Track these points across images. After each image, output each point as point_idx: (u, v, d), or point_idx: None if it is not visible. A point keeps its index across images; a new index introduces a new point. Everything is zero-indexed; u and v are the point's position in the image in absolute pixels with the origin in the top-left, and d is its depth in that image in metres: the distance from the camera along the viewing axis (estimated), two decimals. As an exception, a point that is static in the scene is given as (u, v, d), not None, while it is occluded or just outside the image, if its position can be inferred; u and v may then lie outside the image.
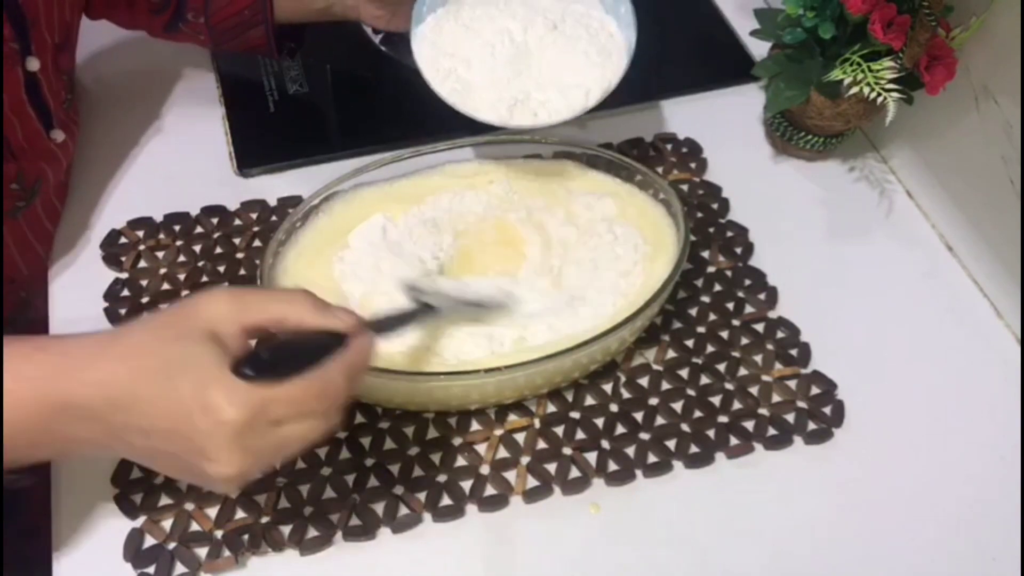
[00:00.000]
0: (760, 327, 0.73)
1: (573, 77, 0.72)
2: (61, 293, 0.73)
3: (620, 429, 0.67)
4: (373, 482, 0.64)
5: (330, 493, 0.63)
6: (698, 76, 0.92)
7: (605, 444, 0.66)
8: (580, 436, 0.67)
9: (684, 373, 0.70)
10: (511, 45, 0.73)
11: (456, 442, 0.66)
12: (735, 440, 0.67)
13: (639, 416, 0.68)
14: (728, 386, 0.70)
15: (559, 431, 0.67)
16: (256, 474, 0.48)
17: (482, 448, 0.66)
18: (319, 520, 0.62)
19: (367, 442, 0.66)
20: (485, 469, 0.65)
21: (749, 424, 0.68)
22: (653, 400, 0.69)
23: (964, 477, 0.67)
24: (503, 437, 0.67)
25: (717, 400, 0.69)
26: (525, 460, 0.66)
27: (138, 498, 0.62)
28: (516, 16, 0.73)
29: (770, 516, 0.65)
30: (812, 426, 0.68)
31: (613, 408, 0.68)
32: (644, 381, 0.70)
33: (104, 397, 0.47)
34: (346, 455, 0.65)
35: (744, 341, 0.72)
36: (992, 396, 0.72)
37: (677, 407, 0.68)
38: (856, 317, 0.75)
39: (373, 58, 0.91)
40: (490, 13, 0.73)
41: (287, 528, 0.62)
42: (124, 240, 0.76)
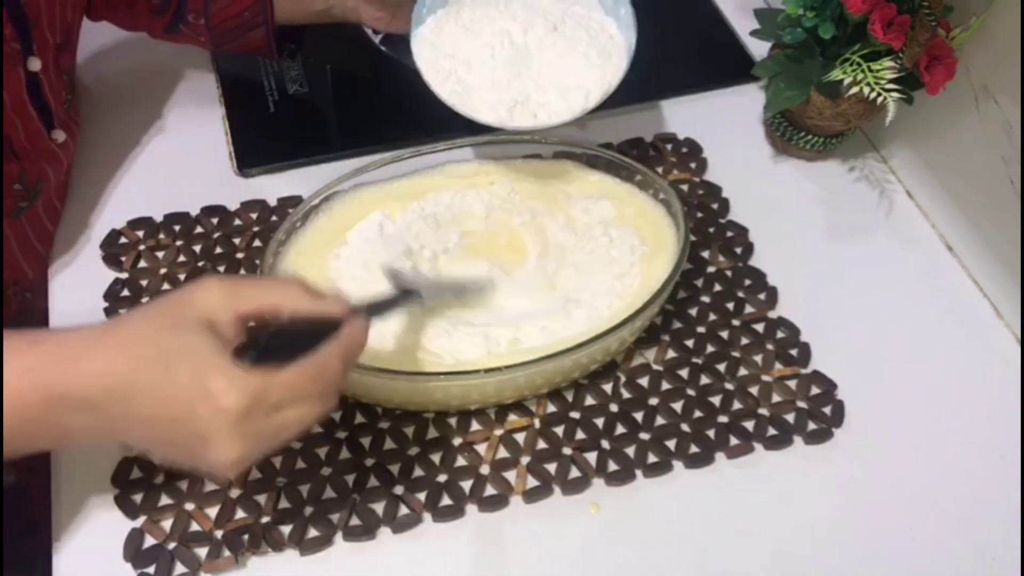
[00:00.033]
0: (760, 327, 0.73)
1: (573, 79, 0.72)
2: (61, 293, 0.73)
3: (620, 429, 0.67)
4: (373, 482, 0.64)
5: (330, 493, 0.63)
6: (698, 76, 0.92)
7: (605, 444, 0.66)
8: (580, 436, 0.67)
9: (684, 373, 0.70)
10: (511, 47, 0.73)
11: (456, 442, 0.66)
12: (735, 440, 0.67)
13: (639, 416, 0.68)
14: (728, 386, 0.70)
15: (559, 431, 0.67)
16: (256, 458, 0.49)
17: (482, 448, 0.66)
18: (319, 520, 0.62)
19: (367, 442, 0.66)
20: (485, 469, 0.65)
21: (749, 424, 0.68)
22: (653, 400, 0.69)
23: (964, 477, 0.67)
24: (503, 437, 0.67)
25: (717, 400, 0.69)
26: (525, 460, 0.66)
27: (138, 498, 0.62)
28: (516, 18, 0.73)
29: (770, 516, 0.65)
30: (812, 426, 0.68)
31: (613, 408, 0.68)
32: (644, 381, 0.70)
33: (102, 387, 0.47)
34: (346, 455, 0.65)
35: (744, 341, 0.72)
36: (992, 396, 0.72)
37: (677, 407, 0.69)
38: (856, 317, 0.75)
39: (373, 58, 0.91)
40: (490, 15, 0.73)
41: (287, 528, 0.62)
42: (124, 240, 0.76)
